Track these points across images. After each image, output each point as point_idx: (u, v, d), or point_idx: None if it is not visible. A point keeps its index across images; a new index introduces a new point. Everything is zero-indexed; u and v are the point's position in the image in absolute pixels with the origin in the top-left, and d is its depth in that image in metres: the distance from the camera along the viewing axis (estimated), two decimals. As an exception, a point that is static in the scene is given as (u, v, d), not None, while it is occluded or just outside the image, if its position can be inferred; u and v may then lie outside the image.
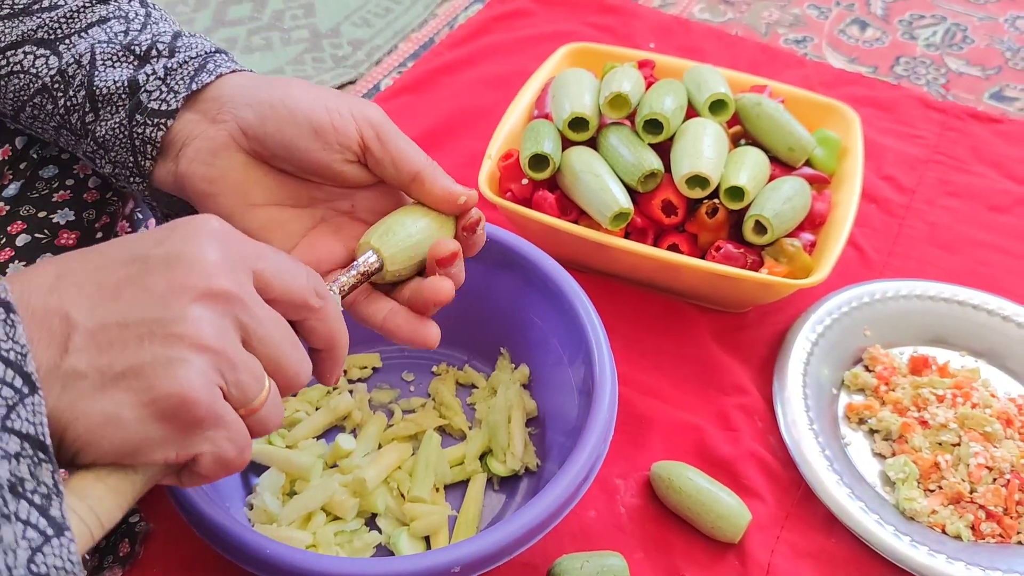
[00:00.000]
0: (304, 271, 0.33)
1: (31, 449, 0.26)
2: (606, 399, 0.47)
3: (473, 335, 0.58)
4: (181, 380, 0.27)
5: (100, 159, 0.39)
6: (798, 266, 0.59)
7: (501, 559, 0.42)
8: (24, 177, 0.44)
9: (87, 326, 0.27)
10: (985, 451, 0.54)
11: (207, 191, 0.37)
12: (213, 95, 0.38)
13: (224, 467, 0.30)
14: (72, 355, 0.27)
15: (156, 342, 0.28)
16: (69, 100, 0.38)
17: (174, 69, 0.38)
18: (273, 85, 0.38)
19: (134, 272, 0.28)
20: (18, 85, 0.39)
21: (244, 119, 0.37)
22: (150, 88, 0.38)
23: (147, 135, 0.37)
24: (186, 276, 0.28)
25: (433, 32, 0.91)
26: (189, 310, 0.28)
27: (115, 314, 0.28)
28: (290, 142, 0.37)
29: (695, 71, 0.65)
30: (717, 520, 0.51)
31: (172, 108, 0.37)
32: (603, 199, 0.58)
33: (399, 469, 0.52)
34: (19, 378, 0.26)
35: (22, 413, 0.26)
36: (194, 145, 0.37)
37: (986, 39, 0.92)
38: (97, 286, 0.28)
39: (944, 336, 0.63)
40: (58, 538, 0.26)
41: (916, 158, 0.78)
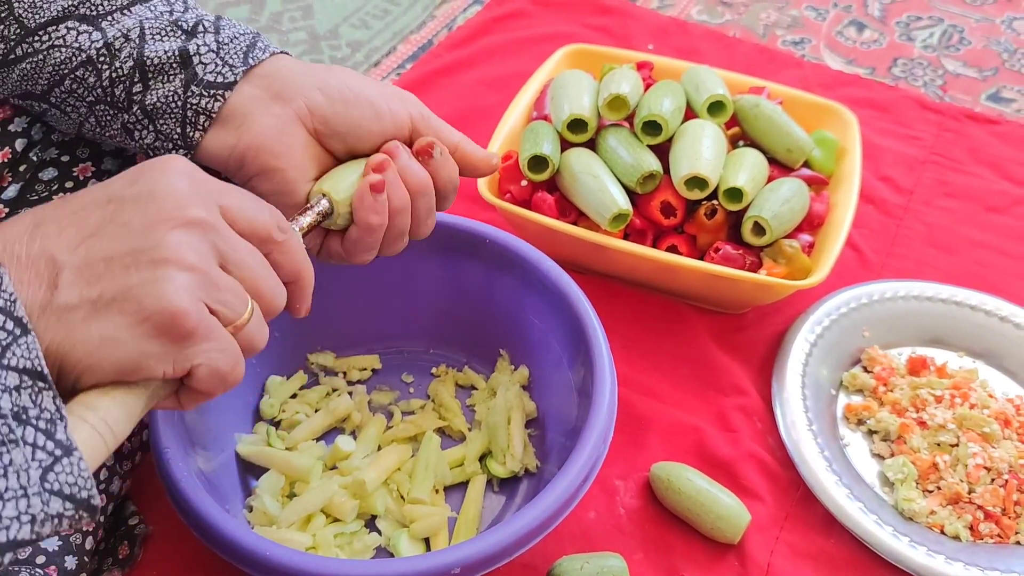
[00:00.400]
0: (267, 208, 0.34)
1: (30, 380, 0.27)
2: (605, 400, 0.47)
3: (472, 336, 0.58)
4: (170, 295, 0.29)
5: (142, 130, 0.41)
6: (797, 267, 0.59)
7: (501, 560, 0.42)
8: (23, 180, 0.44)
9: (73, 263, 0.29)
10: (983, 451, 0.54)
11: (274, 165, 0.40)
12: (270, 72, 0.41)
13: (220, 380, 0.31)
14: (62, 291, 0.29)
15: (141, 268, 0.29)
16: (115, 71, 0.40)
17: (225, 43, 0.41)
18: (330, 71, 0.42)
19: (111, 211, 0.30)
20: (59, 59, 0.40)
21: (314, 101, 0.40)
22: (205, 60, 0.40)
23: (202, 106, 0.40)
24: (161, 208, 0.30)
25: (432, 34, 0.91)
26: (169, 236, 0.30)
27: (98, 250, 0.29)
28: (355, 122, 0.41)
29: (693, 72, 0.65)
30: (717, 521, 0.51)
31: (230, 80, 0.40)
32: (602, 200, 0.58)
33: (399, 471, 0.52)
34: (11, 322, 0.27)
35: (17, 351, 0.27)
36: (260, 120, 0.40)
37: (983, 41, 0.93)
38: (77, 228, 0.30)
39: (942, 337, 0.63)
40: (67, 457, 0.27)
41: (914, 159, 0.78)
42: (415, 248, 0.55)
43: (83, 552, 0.45)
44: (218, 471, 0.50)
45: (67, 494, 0.27)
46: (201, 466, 0.47)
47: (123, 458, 0.49)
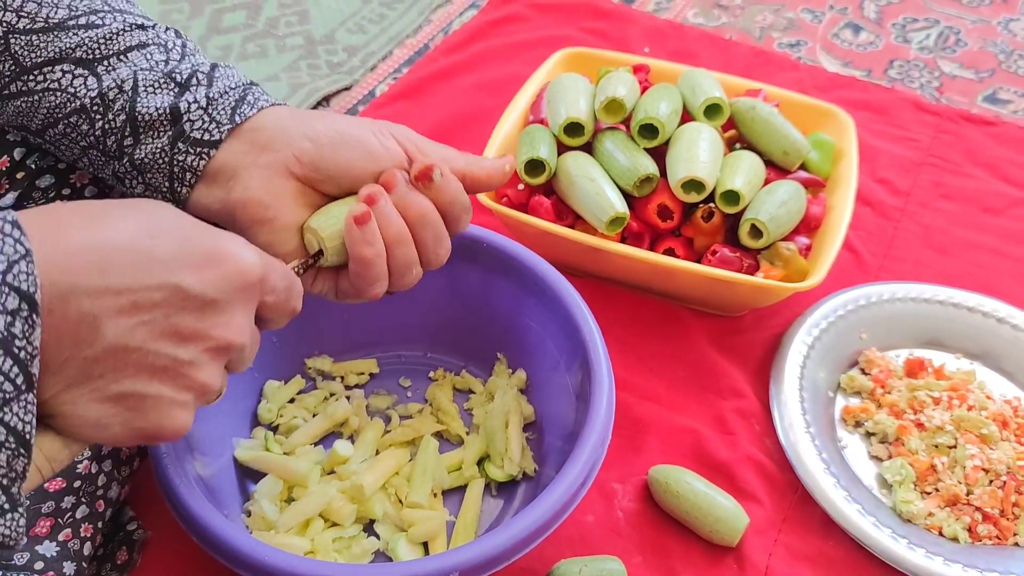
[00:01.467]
0: (295, 284, 0.36)
1: (15, 443, 0.28)
2: (603, 403, 0.47)
3: (470, 340, 0.58)
4: (176, 422, 0.32)
5: (132, 180, 0.41)
6: (794, 269, 0.59)
7: (499, 564, 0.42)
8: (21, 187, 0.44)
9: (111, 341, 0.30)
10: (981, 453, 0.54)
11: (264, 216, 0.40)
12: (257, 126, 0.40)
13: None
14: (91, 363, 0.30)
15: (167, 381, 0.31)
16: (108, 123, 0.40)
17: (215, 99, 0.40)
18: (318, 117, 0.41)
19: (171, 306, 0.31)
20: (53, 103, 0.40)
21: (301, 148, 0.40)
22: (193, 117, 0.40)
23: (188, 163, 0.40)
24: (213, 325, 0.32)
25: (428, 38, 0.92)
26: (203, 358, 0.32)
27: (140, 339, 0.30)
28: (346, 163, 0.40)
29: (690, 75, 0.65)
30: (715, 524, 0.51)
31: (216, 139, 0.40)
32: (599, 204, 0.58)
33: (397, 475, 0.52)
34: (21, 376, 0.28)
35: (15, 408, 0.28)
36: (248, 174, 0.40)
37: (979, 42, 0.93)
38: (133, 304, 0.30)
39: (940, 339, 0.63)
40: (12, 513, 0.29)
41: (910, 161, 0.78)
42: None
43: (81, 557, 0.45)
44: (216, 476, 0.50)
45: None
46: (199, 471, 0.47)
47: (121, 464, 0.49)
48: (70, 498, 0.45)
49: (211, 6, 0.94)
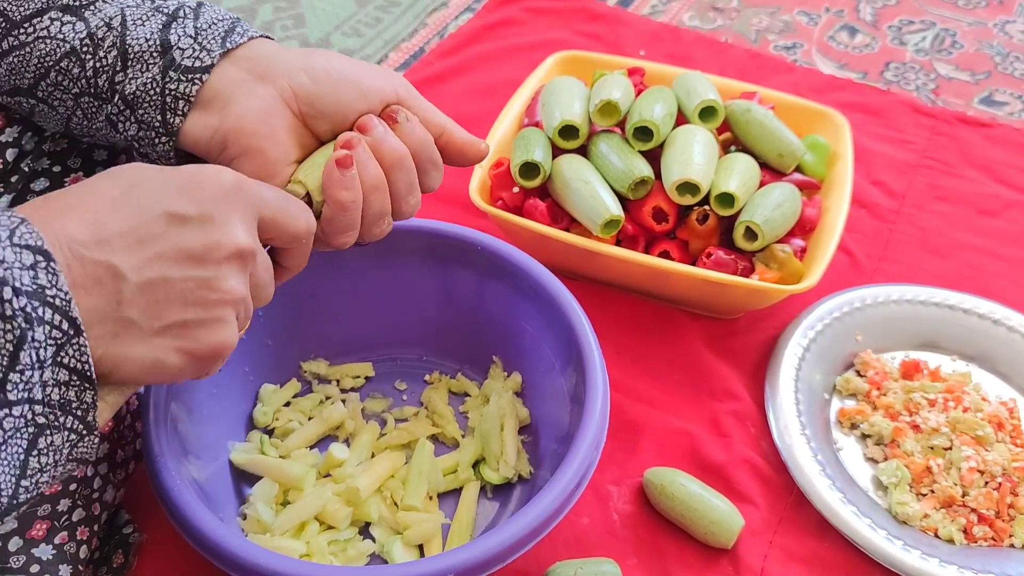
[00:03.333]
0: (303, 211, 0.38)
1: (78, 380, 0.31)
2: (598, 406, 0.47)
3: (465, 343, 0.58)
4: (224, 338, 0.34)
5: (124, 121, 0.41)
6: (789, 272, 0.59)
7: (495, 566, 0.42)
8: (15, 190, 0.44)
9: (135, 280, 0.31)
10: (977, 455, 0.54)
11: (256, 146, 0.40)
12: (251, 54, 0.41)
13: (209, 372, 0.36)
14: (124, 306, 0.31)
15: (201, 299, 0.33)
16: (99, 61, 0.40)
17: (204, 29, 0.40)
18: (314, 53, 0.42)
19: (173, 232, 0.32)
20: (44, 51, 0.40)
21: (299, 82, 0.40)
22: (183, 46, 0.40)
23: (180, 91, 0.39)
24: (216, 236, 0.33)
25: (423, 41, 0.92)
26: (223, 267, 0.33)
27: (160, 270, 0.32)
28: (341, 101, 0.41)
29: (684, 78, 0.65)
30: (710, 526, 0.51)
31: (207, 64, 0.40)
32: (594, 206, 0.59)
33: (392, 478, 0.52)
34: (66, 321, 0.30)
35: (70, 351, 0.30)
36: (243, 102, 0.40)
37: (975, 44, 0.93)
38: (138, 240, 0.32)
39: (935, 340, 0.63)
40: (90, 436, 0.32)
41: (906, 163, 0.78)
42: (407, 256, 0.56)
43: (77, 561, 0.45)
44: (212, 479, 0.50)
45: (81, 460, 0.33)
46: (194, 474, 0.47)
47: (117, 467, 0.49)
48: (66, 501, 0.45)
49: (208, 10, 0.94)
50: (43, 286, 0.29)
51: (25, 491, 0.31)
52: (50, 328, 0.29)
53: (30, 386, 0.29)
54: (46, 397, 0.30)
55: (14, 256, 0.29)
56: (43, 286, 0.29)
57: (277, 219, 0.36)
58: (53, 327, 0.29)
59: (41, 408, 0.30)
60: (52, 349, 0.29)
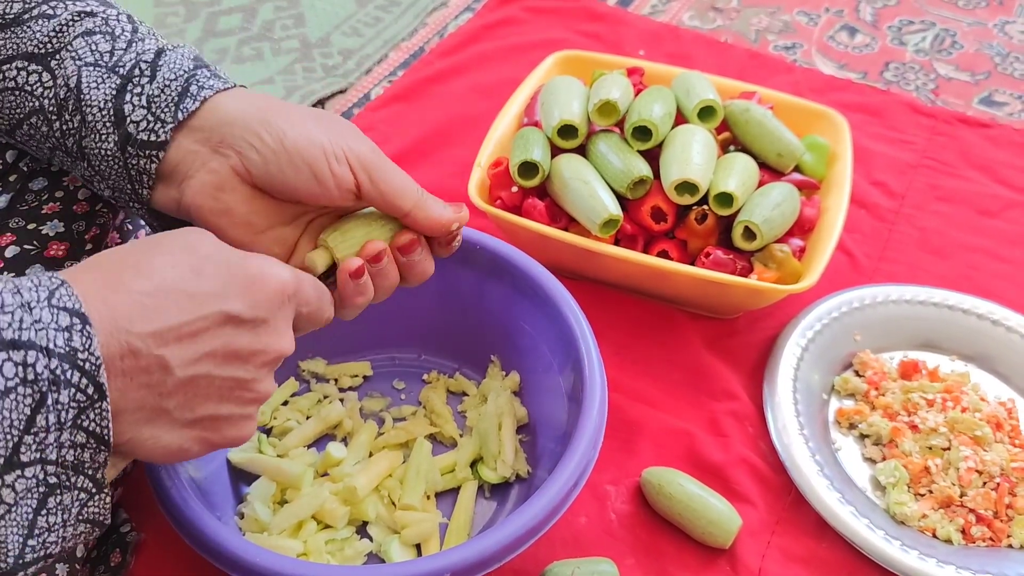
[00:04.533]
0: (324, 294, 0.39)
1: (95, 443, 0.31)
2: (595, 405, 0.47)
3: (463, 343, 0.58)
4: (245, 431, 0.36)
5: (99, 183, 0.41)
6: (787, 272, 0.59)
7: (492, 565, 0.42)
8: (14, 190, 0.44)
9: (180, 376, 0.32)
10: (975, 455, 0.54)
11: (216, 224, 0.40)
12: (205, 122, 0.39)
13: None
14: (164, 397, 0.33)
15: (234, 399, 0.35)
16: (65, 124, 0.40)
17: (156, 95, 0.39)
18: (268, 121, 0.39)
19: (227, 332, 0.34)
20: (14, 103, 0.40)
21: (249, 159, 0.39)
22: (136, 118, 0.39)
23: (141, 166, 0.39)
24: (267, 342, 0.35)
25: (423, 41, 0.92)
26: (262, 372, 0.35)
27: (206, 369, 0.33)
28: (292, 185, 0.40)
29: (684, 78, 0.65)
30: (708, 526, 0.51)
31: (161, 140, 0.39)
32: (592, 206, 0.59)
33: (390, 477, 0.52)
34: (92, 386, 0.30)
35: (91, 415, 0.30)
36: (198, 178, 0.39)
37: (975, 44, 0.93)
38: (192, 335, 0.33)
39: (934, 341, 0.63)
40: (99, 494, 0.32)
41: (906, 163, 0.78)
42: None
43: (74, 559, 0.45)
44: (209, 478, 0.50)
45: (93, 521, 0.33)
46: (192, 474, 0.47)
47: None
48: (63, 500, 0.45)
49: (207, 9, 0.94)
50: (76, 349, 0.30)
51: (32, 551, 0.30)
52: (76, 391, 0.30)
53: (44, 447, 0.29)
54: (60, 458, 0.30)
55: (50, 317, 0.29)
56: (76, 349, 0.30)
57: (311, 316, 0.38)
58: (79, 390, 0.30)
59: (54, 468, 0.30)
60: (74, 412, 0.30)
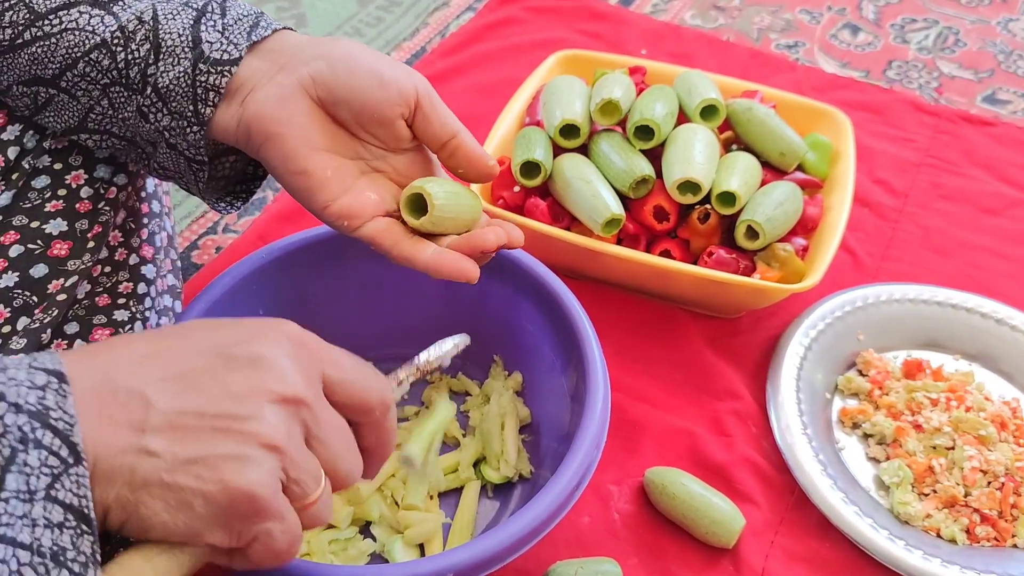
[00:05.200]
0: (376, 381, 0.35)
1: (74, 520, 0.27)
2: (598, 405, 0.47)
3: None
4: (250, 477, 0.29)
5: (157, 112, 0.41)
6: (791, 271, 0.59)
7: (495, 565, 0.42)
8: (16, 188, 0.44)
9: (164, 409, 0.29)
10: (979, 454, 0.54)
11: (275, 131, 0.40)
12: (275, 47, 0.42)
13: (274, 557, 0.31)
14: (148, 435, 0.29)
15: (230, 437, 0.29)
16: (131, 54, 0.41)
17: (231, 24, 0.41)
18: (335, 43, 0.42)
19: (217, 366, 0.30)
20: (72, 42, 0.41)
21: (317, 69, 0.41)
22: (211, 40, 0.41)
23: (211, 83, 0.40)
24: (264, 378, 0.30)
25: (425, 41, 0.92)
26: (263, 410, 0.30)
27: (193, 403, 0.29)
28: (359, 89, 0.41)
29: (686, 77, 0.65)
30: (711, 525, 0.51)
31: (235, 56, 0.41)
32: (595, 205, 0.58)
33: (393, 477, 0.52)
34: (65, 448, 0.27)
35: (66, 484, 0.27)
36: (264, 90, 0.41)
37: (978, 42, 0.93)
38: (178, 373, 0.30)
39: (938, 340, 0.63)
40: None
41: (909, 162, 0.78)
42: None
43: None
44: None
45: None
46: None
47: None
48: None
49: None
50: (48, 407, 0.27)
51: None
52: (47, 454, 0.27)
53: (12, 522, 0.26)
54: (35, 542, 0.26)
55: (26, 376, 0.28)
56: (48, 407, 0.27)
57: (346, 380, 0.33)
58: (51, 453, 0.27)
59: (28, 556, 0.26)
60: (47, 479, 0.26)
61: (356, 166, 0.43)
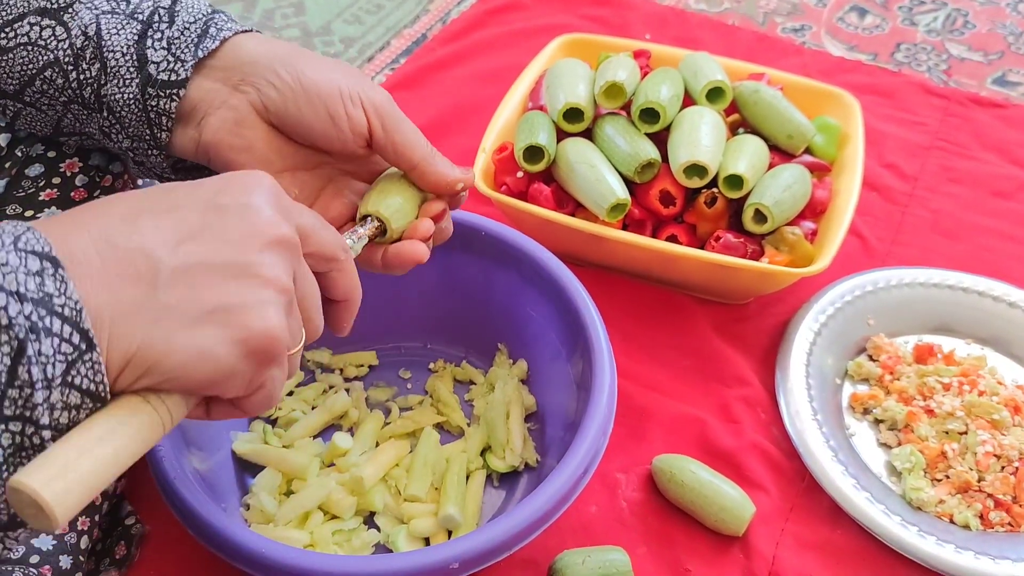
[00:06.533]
0: (332, 229, 0.36)
1: (90, 402, 0.28)
2: (604, 393, 0.46)
3: (470, 331, 0.57)
4: (271, 318, 0.30)
5: (117, 134, 0.41)
6: (799, 255, 0.58)
7: (501, 554, 0.41)
8: (9, 175, 0.44)
9: (172, 264, 0.29)
10: (993, 439, 0.53)
11: (235, 160, 0.39)
12: (226, 62, 0.40)
13: (269, 404, 0.33)
14: (161, 290, 0.29)
15: (243, 283, 0.30)
16: (82, 73, 0.39)
17: (176, 37, 0.40)
18: (288, 61, 0.40)
19: (210, 217, 0.30)
20: (26, 58, 0.39)
21: (268, 96, 0.39)
22: (156, 59, 0.39)
23: (161, 107, 0.39)
24: (256, 222, 0.31)
25: (425, 28, 0.91)
26: (264, 255, 0.31)
27: (198, 255, 0.30)
28: (308, 124, 0.39)
29: (691, 59, 0.64)
30: (720, 513, 0.50)
31: (182, 78, 0.39)
32: (599, 190, 0.58)
33: (397, 467, 0.52)
34: (77, 334, 0.27)
35: (82, 370, 0.27)
36: (218, 115, 0.39)
37: (988, 24, 0.91)
38: (174, 227, 0.30)
39: (949, 324, 0.62)
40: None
41: (918, 145, 0.77)
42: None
43: (78, 551, 0.45)
44: (214, 470, 0.49)
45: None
46: (196, 465, 0.47)
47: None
48: (67, 492, 0.44)
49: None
50: (50, 294, 0.27)
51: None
52: (59, 341, 0.27)
53: (32, 407, 0.27)
54: (54, 421, 0.27)
55: (18, 260, 0.27)
56: (50, 294, 0.27)
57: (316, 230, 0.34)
58: (63, 340, 0.27)
59: (50, 434, 0.27)
60: (62, 367, 0.27)
61: (319, 175, 0.43)
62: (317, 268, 0.35)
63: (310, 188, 0.42)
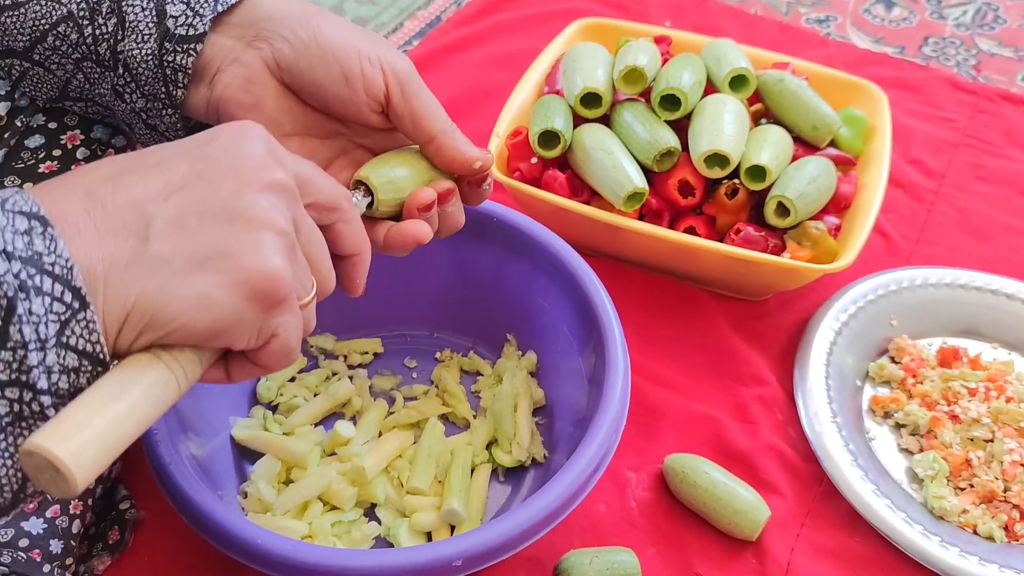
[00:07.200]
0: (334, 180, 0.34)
1: (89, 364, 0.27)
2: (617, 389, 0.45)
3: (478, 320, 0.56)
4: (270, 258, 0.29)
5: (131, 93, 0.39)
6: (822, 250, 0.56)
7: (505, 553, 0.40)
8: (8, 146, 0.42)
9: (164, 215, 0.28)
10: (1020, 447, 0.51)
11: (242, 118, 0.37)
12: (244, 18, 0.38)
13: (286, 356, 0.31)
14: (154, 242, 0.28)
15: (237, 226, 0.29)
16: (98, 28, 0.38)
17: None
18: (308, 16, 0.38)
19: (199, 168, 0.30)
20: (39, 12, 0.38)
21: (281, 51, 0.38)
22: (175, 13, 0.38)
23: (177, 62, 0.38)
24: (247, 168, 0.30)
25: (440, 10, 0.89)
26: (259, 198, 0.30)
27: (190, 204, 0.29)
28: (320, 83, 0.38)
29: (714, 46, 0.62)
30: (734, 516, 0.48)
31: (200, 32, 0.38)
32: (616, 178, 0.56)
33: (400, 458, 0.50)
34: (68, 293, 0.27)
35: (76, 329, 0.27)
36: (230, 71, 0.38)
37: (1019, 19, 0.89)
38: (163, 180, 0.29)
39: (975, 327, 0.60)
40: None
41: (945, 141, 0.75)
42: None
43: (69, 535, 0.44)
44: (212, 456, 0.48)
45: None
46: (193, 451, 0.45)
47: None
48: (58, 475, 0.43)
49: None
50: (39, 252, 0.26)
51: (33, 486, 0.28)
52: (51, 300, 0.26)
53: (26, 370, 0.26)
54: (53, 386, 0.27)
55: (5, 220, 0.26)
56: (39, 252, 0.26)
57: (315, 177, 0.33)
58: (54, 299, 0.26)
59: (50, 400, 0.27)
60: (55, 327, 0.26)
61: (331, 145, 0.41)
62: (320, 220, 0.33)
63: (320, 157, 0.40)
